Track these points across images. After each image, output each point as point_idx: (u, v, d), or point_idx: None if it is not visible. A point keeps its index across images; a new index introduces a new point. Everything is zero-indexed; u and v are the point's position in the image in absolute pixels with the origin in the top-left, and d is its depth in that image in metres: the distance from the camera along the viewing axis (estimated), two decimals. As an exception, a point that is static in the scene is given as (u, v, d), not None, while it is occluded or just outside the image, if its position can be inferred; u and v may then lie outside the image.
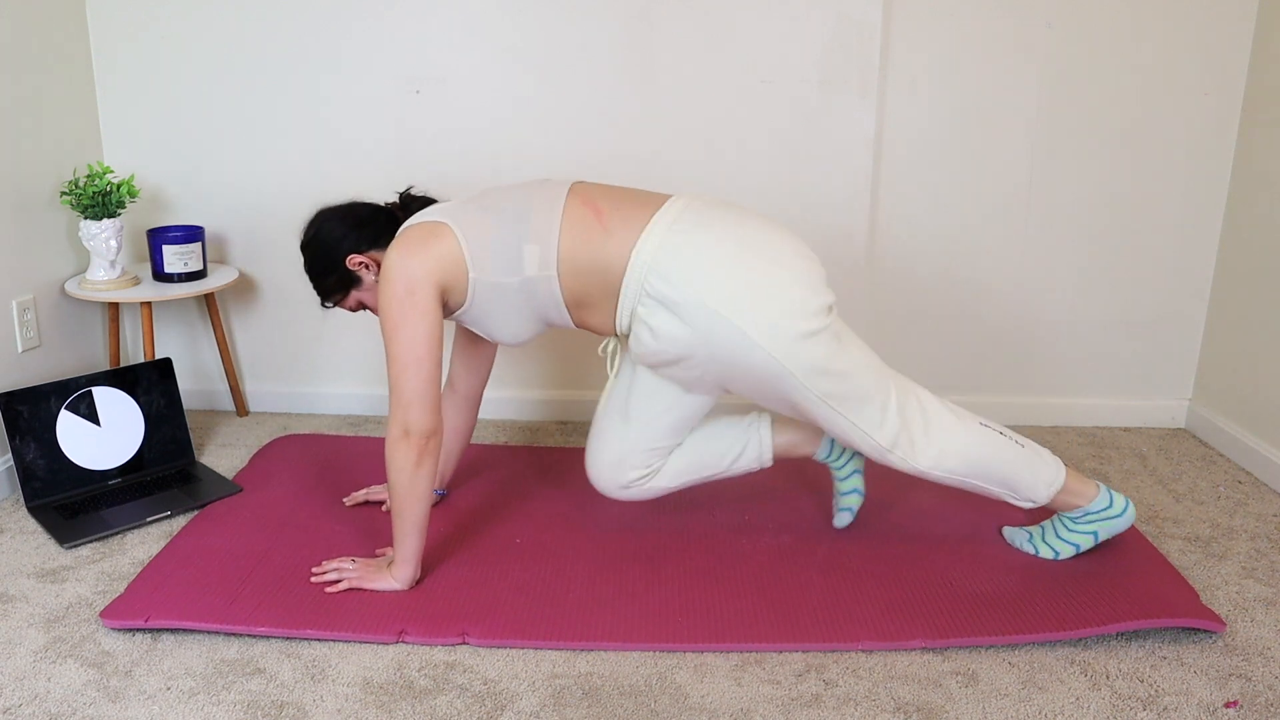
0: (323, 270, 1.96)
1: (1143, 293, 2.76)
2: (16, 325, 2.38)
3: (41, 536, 2.15)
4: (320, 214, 1.98)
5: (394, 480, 1.84)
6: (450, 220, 1.84)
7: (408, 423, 1.81)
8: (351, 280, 1.96)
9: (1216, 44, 2.57)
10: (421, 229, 1.84)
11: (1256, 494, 2.42)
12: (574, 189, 1.88)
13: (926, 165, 2.67)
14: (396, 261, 1.80)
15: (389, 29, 2.60)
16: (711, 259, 1.77)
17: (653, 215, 1.82)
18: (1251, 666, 1.74)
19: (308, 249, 1.97)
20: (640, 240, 1.79)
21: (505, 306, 1.87)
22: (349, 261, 1.93)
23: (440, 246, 1.81)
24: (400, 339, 1.79)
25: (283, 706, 1.62)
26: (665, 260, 1.77)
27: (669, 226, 1.80)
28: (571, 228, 1.82)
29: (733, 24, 2.56)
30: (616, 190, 1.90)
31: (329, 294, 1.98)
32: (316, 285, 1.99)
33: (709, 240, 1.79)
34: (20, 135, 2.39)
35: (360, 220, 1.94)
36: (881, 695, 1.66)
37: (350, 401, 2.88)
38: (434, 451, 1.84)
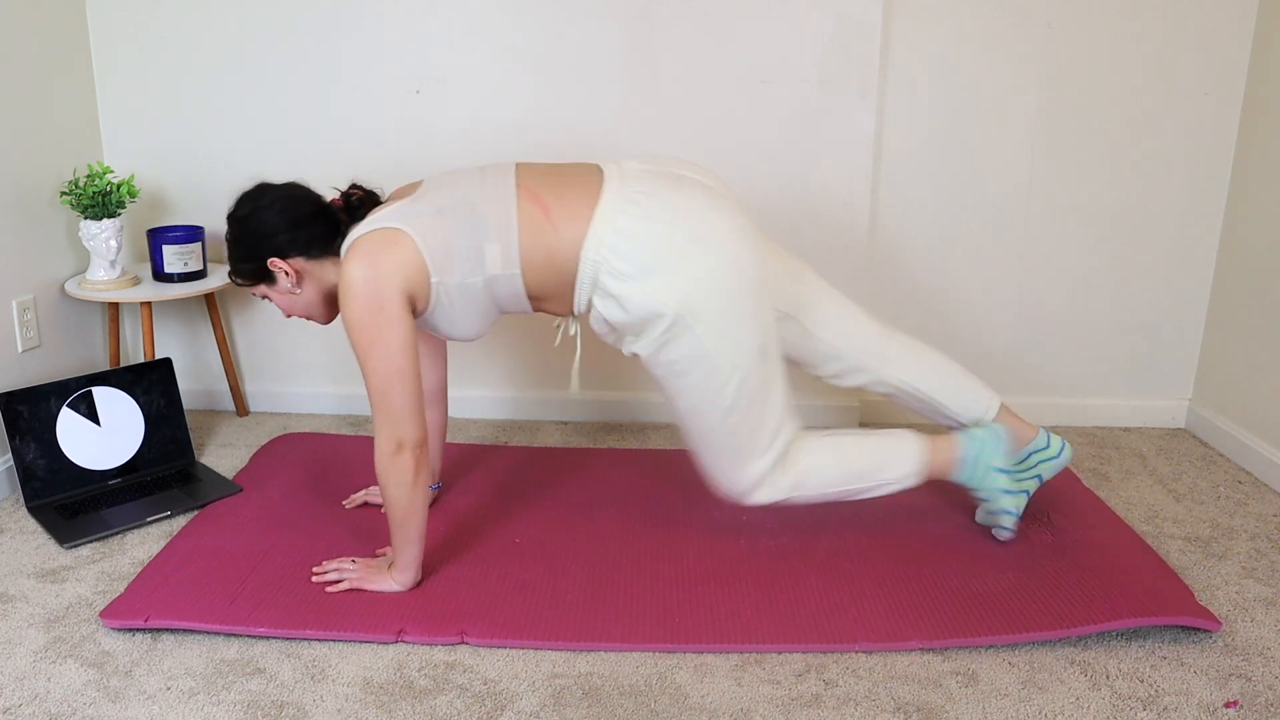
0: (242, 255, 1.88)
1: (1143, 293, 2.76)
2: (16, 325, 2.38)
3: (41, 536, 2.15)
4: (260, 195, 1.88)
5: (395, 495, 1.82)
6: (405, 225, 1.79)
7: (400, 436, 1.79)
8: (266, 276, 1.89)
9: (1216, 44, 2.57)
10: (378, 236, 1.78)
11: (1256, 494, 2.42)
12: (520, 180, 1.85)
13: (926, 165, 2.67)
14: (359, 274, 1.75)
15: (389, 29, 2.60)
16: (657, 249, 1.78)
17: (594, 208, 1.80)
18: (1251, 666, 1.74)
19: (235, 226, 1.88)
20: (587, 238, 1.79)
21: (468, 306, 1.86)
22: (270, 263, 1.85)
23: (401, 253, 1.77)
24: (378, 354, 1.76)
25: (283, 706, 1.62)
26: (613, 256, 1.78)
27: (611, 222, 1.79)
28: (526, 225, 1.81)
29: (733, 24, 2.56)
30: (554, 174, 1.87)
31: (239, 274, 1.91)
32: (231, 261, 1.91)
33: (652, 229, 1.79)
34: (20, 135, 2.39)
35: (298, 220, 1.85)
36: (881, 695, 1.66)
37: (350, 401, 2.88)
38: (426, 458, 1.84)
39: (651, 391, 2.84)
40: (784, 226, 2.68)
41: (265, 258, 1.86)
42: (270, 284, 1.90)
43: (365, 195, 1.92)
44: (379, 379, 1.77)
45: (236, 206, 1.89)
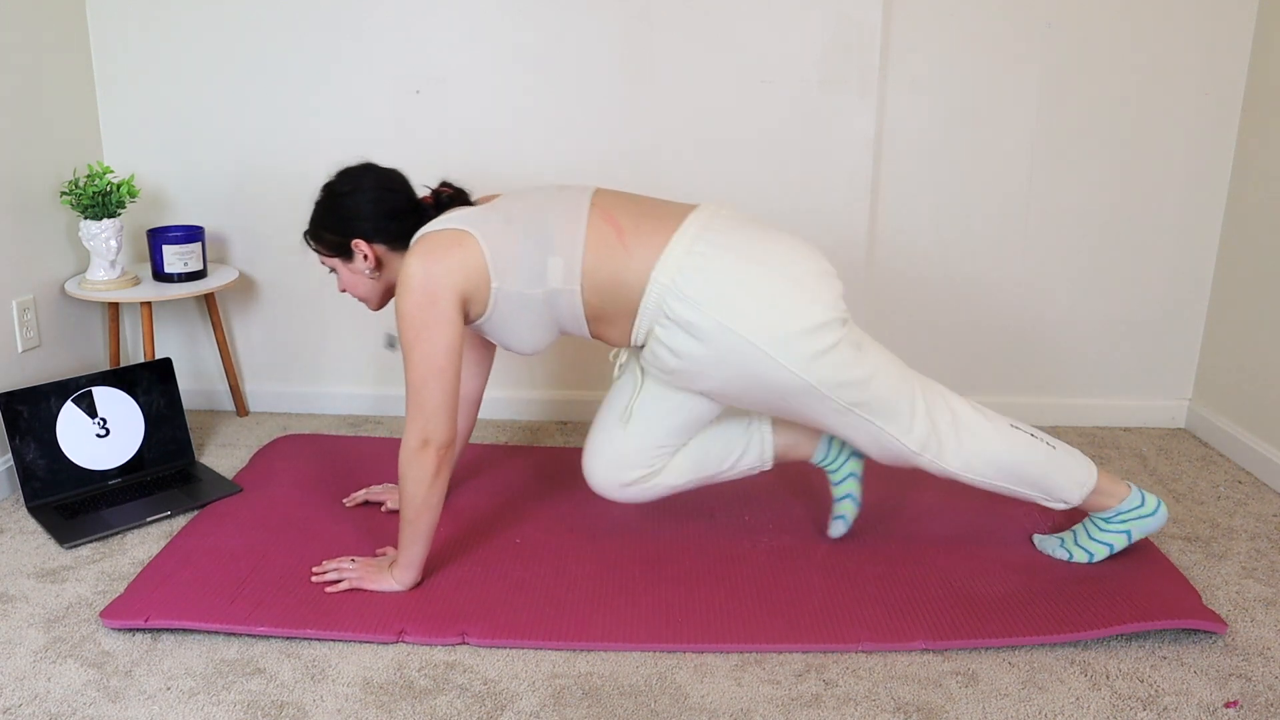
0: (328, 227, 1.91)
1: (1143, 293, 2.76)
2: (16, 325, 2.38)
3: (41, 536, 2.15)
4: (363, 178, 1.91)
5: (410, 490, 1.82)
6: (473, 229, 1.81)
7: (428, 433, 1.80)
8: (346, 253, 1.92)
9: (1216, 44, 2.57)
10: (444, 236, 1.81)
11: (1256, 494, 2.42)
12: (595, 201, 1.86)
13: (926, 165, 2.67)
14: (419, 269, 1.77)
15: (389, 29, 2.60)
16: (730, 281, 1.77)
17: (672, 235, 1.80)
18: (1251, 666, 1.74)
19: (330, 200, 1.92)
20: (660, 261, 1.78)
21: (526, 317, 1.86)
22: (354, 244, 1.90)
23: (463, 255, 1.79)
24: (422, 348, 1.77)
25: (283, 706, 1.62)
26: (684, 283, 1.77)
27: (688, 249, 1.78)
28: (594, 243, 1.81)
29: (733, 24, 2.56)
30: (636, 203, 1.88)
31: (319, 243, 1.94)
32: (313, 229, 1.94)
33: (727, 262, 1.78)
34: (20, 135, 2.39)
35: (391, 213, 1.89)
36: (881, 695, 1.66)
37: (350, 401, 2.88)
38: (450, 461, 1.84)
39: (651, 391, 2.84)
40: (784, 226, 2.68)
41: (352, 237, 1.89)
42: (346, 260, 1.93)
43: (455, 193, 1.96)
44: (418, 373, 1.78)
45: (339, 180, 1.92)
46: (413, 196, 1.94)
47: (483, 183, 2.68)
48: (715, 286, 1.77)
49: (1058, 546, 2.04)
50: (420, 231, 1.86)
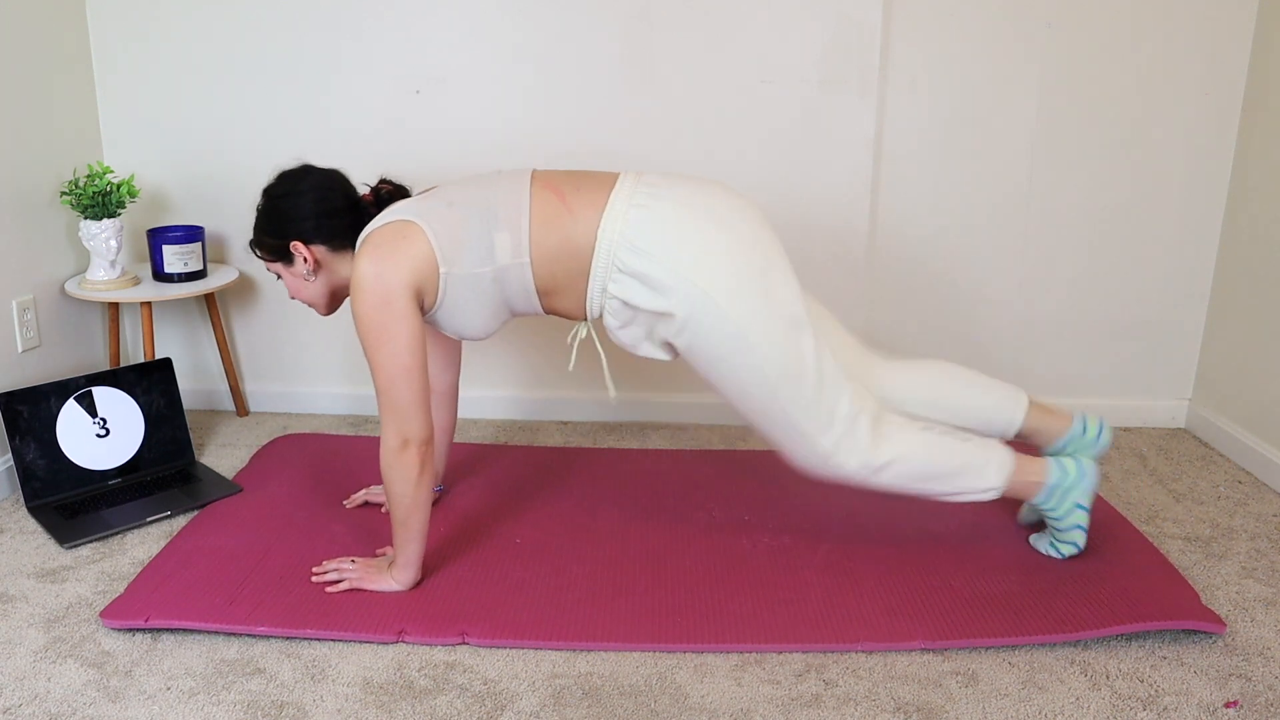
0: (267, 230, 1.92)
1: (1143, 293, 2.76)
2: (16, 325, 2.38)
3: (41, 536, 2.15)
4: (299, 178, 1.92)
5: (398, 491, 1.83)
6: (416, 218, 1.82)
7: (406, 432, 1.80)
8: (286, 256, 1.92)
9: (1216, 44, 2.57)
10: (389, 230, 1.81)
11: (1256, 494, 2.42)
12: (535, 176, 1.87)
13: (926, 165, 2.67)
14: (370, 271, 1.77)
15: (389, 29, 2.60)
16: (675, 226, 1.79)
17: (610, 192, 1.82)
18: (1251, 666, 1.74)
19: (268, 203, 1.92)
20: (605, 217, 1.80)
21: (476, 299, 1.86)
22: (293, 246, 1.89)
23: (411, 247, 1.79)
24: (385, 350, 1.77)
25: (283, 706, 1.62)
26: (632, 234, 1.78)
27: (628, 201, 1.80)
28: (539, 212, 1.82)
29: (733, 24, 2.56)
30: (573, 173, 1.90)
31: (260, 249, 1.94)
32: (255, 235, 1.95)
33: (669, 208, 1.80)
34: (20, 135, 2.39)
35: (329, 210, 1.89)
36: (881, 695, 1.66)
37: (350, 401, 2.88)
38: (431, 456, 1.84)
39: (652, 391, 2.84)
40: (784, 226, 2.68)
41: (289, 239, 1.89)
42: (287, 264, 1.93)
43: (394, 189, 1.96)
44: (385, 375, 1.78)
45: (275, 183, 1.93)
46: (351, 195, 1.94)
47: (483, 183, 2.68)
48: (662, 233, 1.78)
49: (1048, 545, 2.05)
50: (365, 230, 1.86)
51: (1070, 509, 1.98)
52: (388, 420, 1.80)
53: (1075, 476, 1.97)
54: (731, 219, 1.82)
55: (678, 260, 1.77)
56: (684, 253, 1.78)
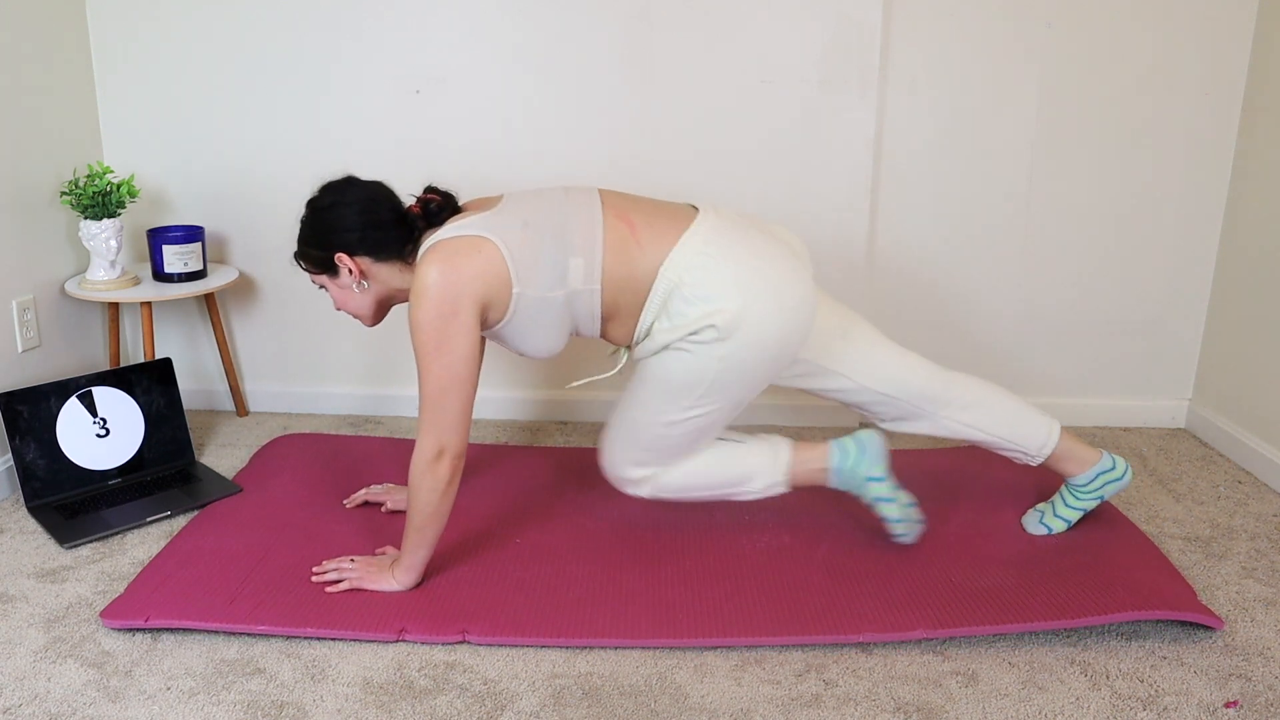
0: (312, 243, 1.91)
1: (1143, 293, 2.76)
2: (16, 325, 2.38)
3: (41, 536, 2.15)
4: (344, 190, 1.91)
5: (423, 499, 1.82)
6: (492, 234, 1.80)
7: (444, 443, 1.79)
8: (331, 268, 1.91)
9: (1216, 44, 2.57)
10: (462, 243, 1.79)
11: (1256, 494, 2.42)
12: (605, 201, 1.88)
13: (926, 165, 2.67)
14: (437, 278, 1.75)
15: (389, 29, 2.60)
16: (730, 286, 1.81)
17: (682, 233, 1.84)
18: (1251, 666, 1.74)
19: (313, 216, 1.91)
20: (670, 257, 1.82)
21: (544, 320, 1.86)
22: (338, 258, 1.89)
23: (484, 261, 1.78)
24: (442, 360, 1.76)
25: (283, 706, 1.62)
26: (690, 280, 1.82)
27: (699, 249, 1.83)
28: (612, 243, 1.83)
29: (733, 24, 2.56)
30: (640, 203, 1.92)
31: (306, 260, 1.94)
32: (300, 247, 1.94)
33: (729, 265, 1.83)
34: (20, 135, 2.40)
35: (375, 224, 1.88)
36: (881, 695, 1.66)
37: (350, 401, 2.88)
38: (461, 469, 1.84)
39: (651, 391, 2.84)
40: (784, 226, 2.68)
41: (334, 251, 1.89)
42: (332, 276, 1.92)
43: (443, 200, 1.93)
44: (437, 383, 1.77)
45: (320, 194, 1.92)
46: (398, 206, 1.92)
47: (483, 183, 2.68)
48: (713, 287, 1.81)
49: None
50: (433, 238, 1.84)
51: (862, 485, 2.01)
52: (428, 429, 1.79)
53: (853, 450, 2.01)
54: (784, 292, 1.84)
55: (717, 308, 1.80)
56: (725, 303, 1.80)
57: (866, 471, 2.00)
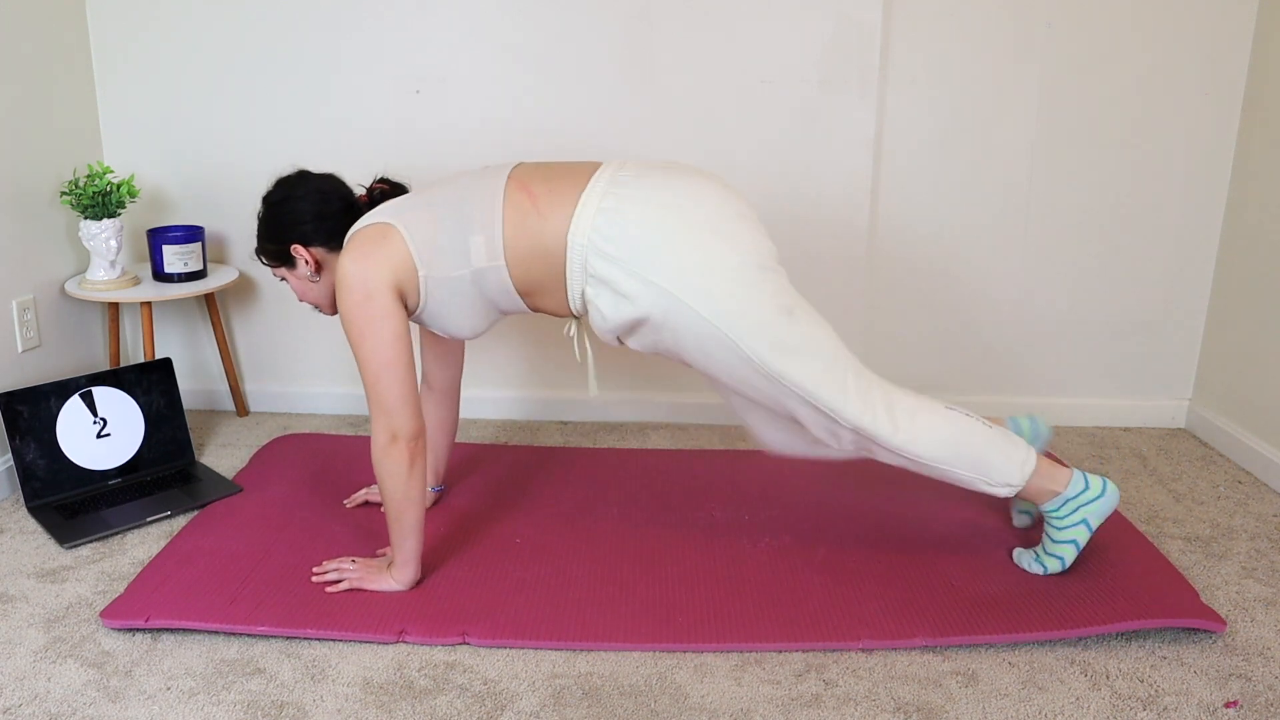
0: (268, 236, 1.95)
1: (1143, 293, 2.76)
2: (16, 325, 2.38)
3: (41, 536, 2.15)
4: (296, 184, 1.95)
5: (390, 486, 1.83)
6: (394, 220, 1.83)
7: (394, 428, 1.80)
8: (287, 259, 1.95)
9: (1216, 44, 2.57)
10: (369, 232, 1.83)
11: (1256, 494, 2.42)
12: (513, 174, 1.84)
13: (926, 165, 2.67)
14: (351, 269, 1.79)
15: (389, 29, 2.60)
16: (643, 231, 1.73)
17: (581, 192, 1.78)
18: (1251, 666, 1.74)
19: (267, 211, 1.96)
20: (573, 221, 1.76)
21: (459, 300, 1.86)
22: (293, 249, 1.92)
23: (388, 248, 1.81)
24: (368, 345, 1.79)
25: (283, 706, 1.62)
26: (600, 240, 1.75)
27: (597, 205, 1.76)
28: (511, 214, 1.79)
29: (733, 24, 2.56)
30: (551, 167, 1.86)
31: (264, 254, 1.98)
32: (258, 242, 1.98)
33: (637, 211, 1.75)
34: (20, 135, 2.39)
35: (325, 213, 1.92)
36: (881, 695, 1.66)
37: (350, 401, 2.88)
38: (423, 451, 1.84)
39: (652, 391, 2.84)
40: (784, 226, 2.69)
41: (289, 243, 1.92)
42: (290, 268, 1.96)
43: (390, 189, 1.98)
44: (370, 370, 1.80)
45: (273, 190, 1.96)
46: (348, 196, 1.96)
47: (483, 183, 2.68)
48: (630, 239, 1.74)
49: (1032, 561, 1.98)
50: (350, 230, 1.89)
51: (1076, 522, 1.91)
52: (376, 415, 1.81)
53: (1096, 493, 1.90)
54: (704, 214, 1.76)
55: (644, 265, 1.73)
56: (650, 257, 1.73)
57: (1088, 514, 1.90)
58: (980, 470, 1.87)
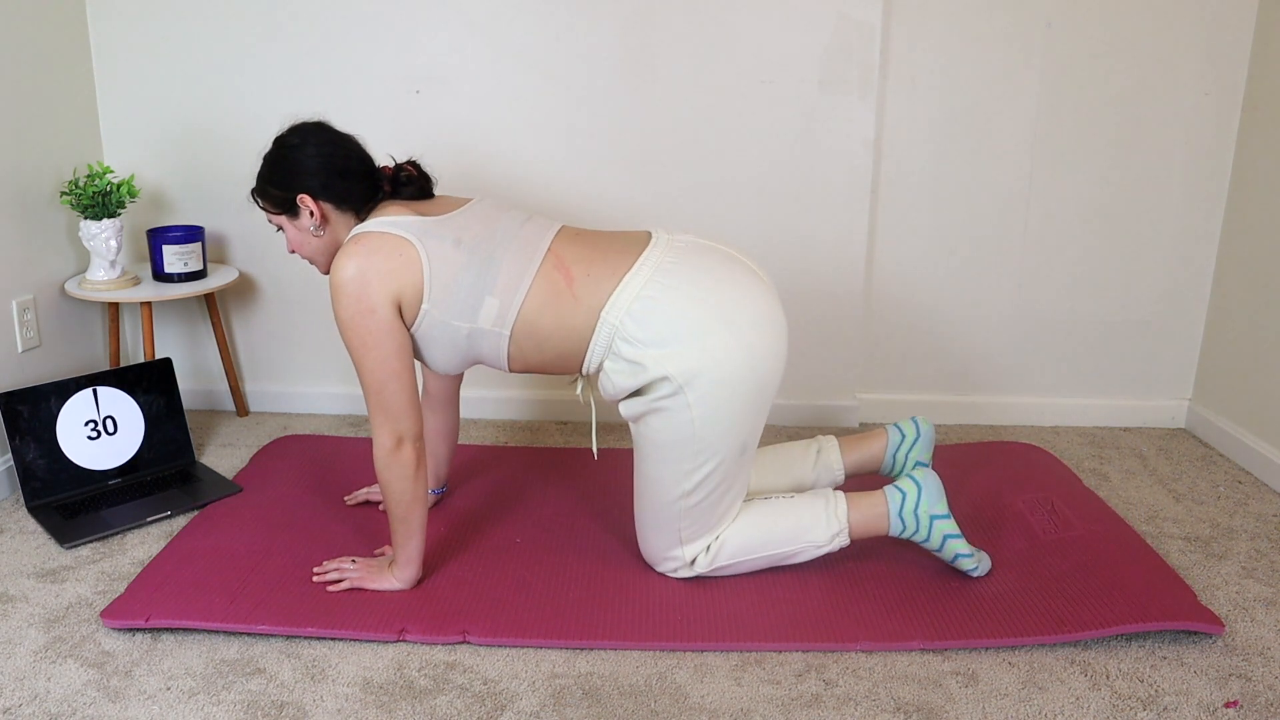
0: (274, 182, 1.85)
1: (1143, 293, 2.76)
2: (16, 325, 2.38)
3: (41, 536, 2.15)
4: (315, 132, 1.87)
5: (397, 489, 1.82)
6: (419, 242, 1.77)
7: (400, 430, 1.80)
8: (291, 208, 1.85)
9: (1216, 44, 2.57)
10: (386, 241, 1.76)
11: (1256, 494, 2.42)
12: (554, 245, 1.82)
13: (926, 165, 2.67)
14: (352, 274, 1.73)
15: (389, 29, 2.60)
16: (678, 322, 1.75)
17: (625, 274, 1.78)
18: (1251, 666, 1.74)
19: (280, 151, 1.86)
20: (610, 301, 1.76)
21: (445, 343, 1.83)
22: (300, 198, 1.83)
23: (402, 267, 1.75)
24: (373, 358, 1.76)
25: (283, 706, 1.62)
26: (631, 325, 1.76)
27: (639, 291, 1.76)
28: (541, 288, 1.78)
29: (733, 24, 2.56)
30: (596, 242, 1.85)
31: (265, 197, 1.87)
32: (260, 184, 1.88)
33: (678, 302, 1.75)
34: (20, 135, 2.39)
35: (340, 171, 1.84)
36: (881, 695, 1.66)
37: (350, 401, 2.88)
38: (424, 450, 1.85)
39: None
40: (783, 226, 2.68)
41: (298, 192, 1.84)
42: (292, 217, 1.87)
43: (416, 176, 1.89)
44: (375, 379, 1.78)
45: (289, 133, 1.88)
46: (367, 159, 1.88)
47: (482, 183, 2.68)
48: (661, 326, 1.75)
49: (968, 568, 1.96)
50: (360, 227, 1.81)
51: (929, 524, 1.90)
52: (380, 421, 1.80)
53: (914, 492, 1.90)
54: (741, 319, 1.77)
55: (670, 354, 1.74)
56: (678, 347, 1.74)
57: (931, 509, 1.89)
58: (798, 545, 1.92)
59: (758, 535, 1.91)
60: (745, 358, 1.77)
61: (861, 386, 2.85)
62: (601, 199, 2.68)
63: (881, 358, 2.82)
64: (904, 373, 2.83)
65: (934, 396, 2.85)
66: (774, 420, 2.81)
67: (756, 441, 1.86)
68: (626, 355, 1.77)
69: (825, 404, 2.80)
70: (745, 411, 1.79)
